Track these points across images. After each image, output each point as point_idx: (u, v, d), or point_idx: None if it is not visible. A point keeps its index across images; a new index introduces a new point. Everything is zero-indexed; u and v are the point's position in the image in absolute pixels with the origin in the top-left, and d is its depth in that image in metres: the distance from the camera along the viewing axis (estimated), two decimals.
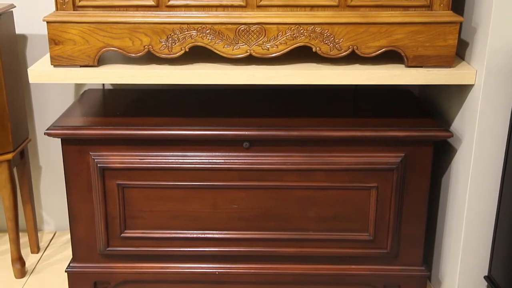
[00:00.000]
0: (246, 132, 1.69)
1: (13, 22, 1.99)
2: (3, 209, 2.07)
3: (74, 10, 1.59)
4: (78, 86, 2.17)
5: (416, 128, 1.70)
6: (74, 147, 1.72)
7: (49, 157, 2.27)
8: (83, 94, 2.05)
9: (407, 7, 1.59)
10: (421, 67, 1.63)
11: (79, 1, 1.59)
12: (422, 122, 1.75)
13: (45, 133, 1.70)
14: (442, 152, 1.85)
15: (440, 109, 1.92)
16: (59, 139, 1.72)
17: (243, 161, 1.73)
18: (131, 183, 1.75)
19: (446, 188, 1.84)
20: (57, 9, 1.59)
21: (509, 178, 1.55)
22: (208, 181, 1.75)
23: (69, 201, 1.78)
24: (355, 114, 1.90)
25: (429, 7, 1.59)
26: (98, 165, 1.72)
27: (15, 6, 1.97)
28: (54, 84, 2.13)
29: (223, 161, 1.73)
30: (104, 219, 1.77)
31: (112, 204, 1.77)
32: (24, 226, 2.21)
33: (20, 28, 2.07)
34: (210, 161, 1.73)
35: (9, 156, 1.94)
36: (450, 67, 1.63)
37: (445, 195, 1.85)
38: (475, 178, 1.66)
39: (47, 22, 1.58)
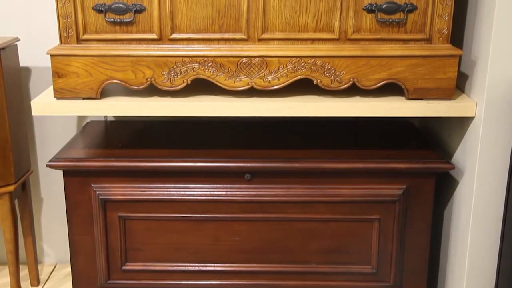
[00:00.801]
0: (248, 164, 1.70)
1: (17, 55, 2.01)
2: (3, 242, 2.06)
3: (77, 43, 1.61)
4: (80, 117, 2.18)
5: (417, 160, 1.70)
6: (76, 179, 1.72)
7: (51, 189, 2.27)
8: (86, 126, 2.06)
9: (406, 41, 1.61)
10: (422, 99, 1.64)
11: (83, 34, 1.61)
12: (423, 154, 1.75)
13: (47, 165, 1.70)
14: (444, 184, 1.85)
15: (441, 141, 1.92)
16: (61, 171, 1.72)
17: (244, 193, 1.72)
18: (132, 215, 1.74)
19: (449, 220, 1.83)
20: (61, 42, 1.61)
21: (511, 209, 1.55)
22: (210, 213, 1.74)
23: (70, 233, 1.77)
24: (356, 145, 1.91)
25: (428, 40, 1.61)
26: (100, 197, 1.72)
27: (19, 39, 1.99)
28: (56, 116, 2.14)
29: (224, 193, 1.72)
30: (105, 251, 1.76)
31: (113, 237, 1.76)
32: (24, 258, 2.19)
33: (23, 60, 2.09)
34: (212, 193, 1.72)
35: (11, 188, 1.94)
36: (450, 99, 1.64)
37: (447, 227, 1.84)
38: (477, 209, 1.65)
39: (51, 56, 1.60)
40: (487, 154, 1.60)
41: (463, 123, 1.71)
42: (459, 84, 1.74)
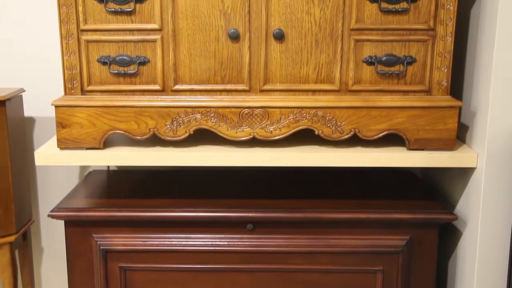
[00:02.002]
0: (250, 214, 1.69)
1: (22, 105, 2.04)
2: None
3: (82, 94, 1.63)
4: (83, 167, 2.19)
5: (420, 211, 1.69)
6: (77, 229, 1.71)
7: (52, 239, 2.25)
8: (88, 175, 2.06)
9: (406, 92, 1.63)
10: (423, 149, 1.64)
11: (87, 86, 1.63)
12: (426, 205, 1.74)
13: (48, 215, 1.70)
14: (447, 235, 1.84)
15: (443, 191, 1.92)
16: (63, 221, 1.72)
17: (246, 243, 1.71)
18: (133, 265, 1.73)
19: (453, 271, 1.81)
20: (65, 93, 1.64)
21: None
22: (211, 264, 1.72)
23: (70, 284, 1.75)
24: (358, 196, 1.90)
25: (428, 92, 1.63)
26: (101, 247, 1.71)
27: (24, 90, 2.02)
28: (59, 165, 2.15)
29: (226, 243, 1.71)
30: None
31: None
32: None
33: (28, 111, 2.11)
34: (214, 243, 1.71)
35: (12, 238, 1.93)
36: (451, 150, 1.65)
37: (452, 278, 1.82)
38: (482, 260, 1.63)
39: (56, 106, 1.62)
40: (490, 204, 1.60)
41: (465, 173, 1.71)
42: (460, 135, 1.75)
